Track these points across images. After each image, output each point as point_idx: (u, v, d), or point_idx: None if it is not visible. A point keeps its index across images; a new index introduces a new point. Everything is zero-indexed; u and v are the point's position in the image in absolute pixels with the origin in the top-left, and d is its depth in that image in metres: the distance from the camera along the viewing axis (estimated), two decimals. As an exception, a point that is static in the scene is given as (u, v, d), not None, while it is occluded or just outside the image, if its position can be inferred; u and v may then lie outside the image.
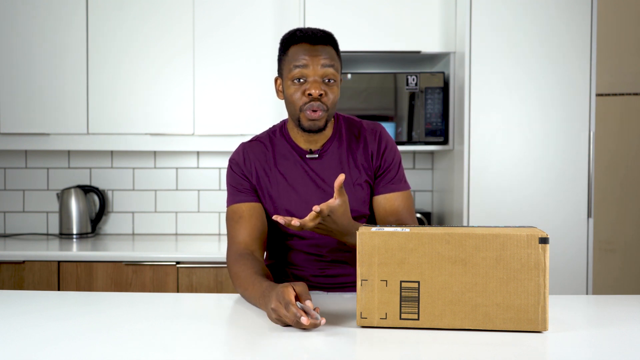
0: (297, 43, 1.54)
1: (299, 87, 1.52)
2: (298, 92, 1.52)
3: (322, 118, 1.53)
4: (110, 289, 2.60)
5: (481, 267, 1.21)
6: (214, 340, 1.22)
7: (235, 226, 1.59)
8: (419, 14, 2.78)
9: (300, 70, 1.51)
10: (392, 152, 1.64)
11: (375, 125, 1.67)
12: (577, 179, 2.55)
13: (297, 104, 1.53)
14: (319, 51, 1.52)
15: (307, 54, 1.52)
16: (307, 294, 1.23)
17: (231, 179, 1.64)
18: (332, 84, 1.53)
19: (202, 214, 3.22)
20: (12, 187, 3.22)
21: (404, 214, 1.62)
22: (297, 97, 1.53)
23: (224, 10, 2.87)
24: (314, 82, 1.51)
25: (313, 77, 1.51)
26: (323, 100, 1.52)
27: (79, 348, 1.14)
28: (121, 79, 2.88)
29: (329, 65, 1.52)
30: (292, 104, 1.55)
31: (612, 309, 1.45)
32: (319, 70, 1.51)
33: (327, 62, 1.52)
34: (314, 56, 1.51)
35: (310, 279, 1.64)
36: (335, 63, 1.54)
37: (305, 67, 1.51)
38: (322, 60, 1.51)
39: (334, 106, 1.55)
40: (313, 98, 1.51)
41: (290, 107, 1.57)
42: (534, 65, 2.55)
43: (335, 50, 1.57)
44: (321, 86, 1.51)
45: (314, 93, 1.50)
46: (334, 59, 1.54)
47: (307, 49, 1.52)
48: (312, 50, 1.52)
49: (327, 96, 1.52)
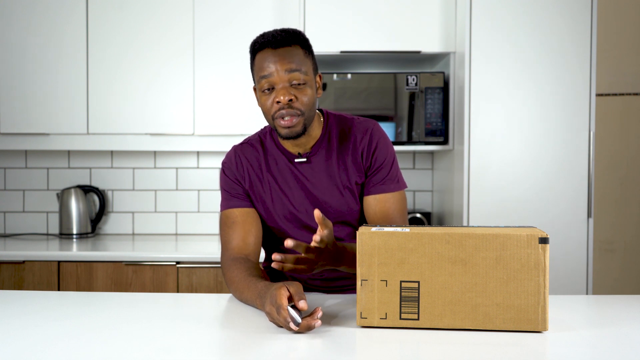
0: (260, 50, 1.49)
1: (269, 96, 1.47)
2: (268, 100, 1.47)
3: (298, 123, 1.47)
4: (110, 289, 2.60)
5: (481, 267, 1.21)
6: (214, 340, 1.22)
7: (229, 232, 1.57)
8: (419, 14, 2.78)
9: (266, 80, 1.46)
10: (383, 150, 1.57)
11: (368, 122, 1.60)
12: (577, 179, 2.55)
13: (269, 114, 1.48)
14: (282, 55, 1.45)
15: (270, 61, 1.45)
16: (302, 294, 1.21)
17: (224, 183, 1.62)
18: (303, 86, 1.46)
19: (202, 214, 3.22)
20: (12, 187, 3.22)
21: (394, 216, 1.57)
22: (268, 107, 1.48)
23: (224, 10, 2.87)
24: (281, 89, 1.45)
25: (280, 83, 1.45)
26: (295, 105, 1.45)
27: (79, 348, 1.14)
28: (121, 79, 2.88)
29: (295, 69, 1.45)
30: (265, 114, 1.50)
31: (612, 309, 1.45)
32: (285, 76, 1.45)
33: (293, 67, 1.45)
34: (278, 62, 1.45)
35: (308, 282, 1.64)
36: (304, 64, 1.47)
37: (271, 75, 1.45)
38: (287, 65, 1.45)
39: (310, 107, 1.48)
40: (282, 106, 1.45)
41: (266, 117, 1.52)
42: (534, 65, 2.55)
43: (304, 47, 1.50)
44: (290, 91, 1.45)
45: (282, 100, 1.44)
46: (300, 60, 1.47)
47: (270, 56, 1.46)
48: (275, 55, 1.45)
49: (298, 100, 1.46)
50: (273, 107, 1.47)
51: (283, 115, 1.46)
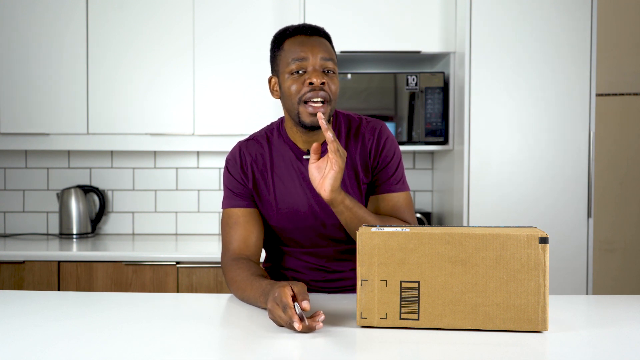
0: (292, 36, 1.49)
1: (298, 78, 1.45)
2: (297, 83, 1.45)
3: (325, 112, 1.44)
4: (110, 289, 2.60)
5: (481, 267, 1.21)
6: (214, 340, 1.22)
7: (230, 231, 1.56)
8: (419, 14, 2.78)
9: (298, 63, 1.44)
10: (391, 150, 1.57)
11: (376, 122, 1.60)
12: (577, 179, 2.55)
13: (295, 97, 1.45)
14: (316, 42, 1.46)
15: (305, 45, 1.45)
16: (305, 294, 1.21)
17: (227, 181, 1.60)
18: (333, 75, 1.47)
19: (202, 214, 3.22)
20: (12, 187, 3.22)
21: (404, 212, 1.56)
22: (295, 89, 1.45)
23: (224, 10, 2.87)
24: (314, 72, 1.44)
25: (313, 67, 1.44)
26: (325, 89, 1.44)
27: (79, 348, 1.14)
28: (121, 79, 2.88)
29: (328, 58, 1.46)
30: (289, 97, 1.46)
31: (612, 309, 1.45)
32: (318, 62, 1.45)
33: (326, 55, 1.46)
34: (312, 47, 1.45)
35: (311, 283, 1.63)
36: (333, 57, 1.49)
37: (304, 59, 1.44)
38: (321, 53, 1.45)
39: (336, 98, 1.48)
40: (314, 87, 1.43)
41: (288, 103, 1.48)
42: (534, 65, 2.55)
43: (331, 45, 1.53)
44: (322, 75, 1.44)
45: (315, 82, 1.42)
46: (331, 52, 1.49)
47: (304, 41, 1.46)
48: (309, 41, 1.46)
49: (329, 86, 1.44)
50: (303, 89, 1.44)
51: (313, 97, 1.43)
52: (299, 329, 1.16)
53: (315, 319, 1.20)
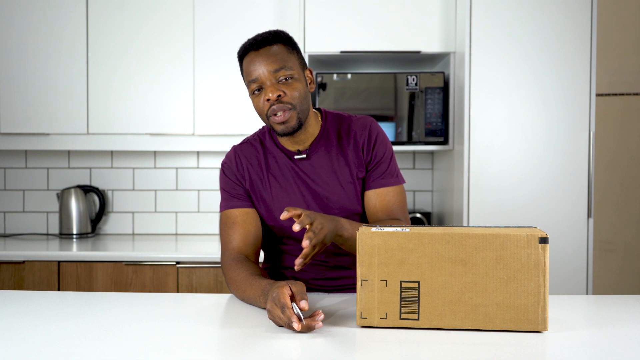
0: (245, 55, 1.53)
1: (259, 95, 1.51)
2: (260, 101, 1.51)
3: (291, 118, 1.50)
4: (110, 289, 2.60)
5: (481, 267, 1.21)
6: (214, 340, 1.22)
7: (229, 232, 1.58)
8: (419, 14, 2.78)
9: (254, 82, 1.51)
10: (383, 145, 1.61)
11: (366, 118, 1.64)
12: (577, 179, 2.55)
13: (263, 114, 1.52)
14: (265, 55, 1.49)
15: (254, 64, 1.50)
16: (304, 293, 1.22)
17: (224, 183, 1.63)
18: (291, 81, 1.50)
19: (202, 214, 3.22)
20: (12, 187, 3.22)
21: (395, 209, 1.59)
22: (261, 107, 1.51)
23: (224, 10, 2.87)
24: (269, 87, 1.49)
25: (267, 81, 1.49)
26: (284, 100, 1.48)
27: (79, 348, 1.14)
28: (121, 79, 2.88)
29: (280, 66, 1.48)
30: (260, 114, 1.54)
31: (612, 309, 1.45)
32: (270, 75, 1.49)
33: (276, 66, 1.48)
34: (261, 63, 1.49)
35: (311, 282, 1.64)
36: (288, 60, 1.50)
37: (257, 77, 1.49)
38: (271, 64, 1.48)
39: (301, 100, 1.51)
40: (272, 102, 1.48)
41: (262, 119, 1.55)
42: (534, 65, 2.55)
43: (287, 44, 1.53)
44: (277, 87, 1.48)
45: (271, 97, 1.48)
46: (284, 57, 1.50)
47: (253, 58, 1.50)
48: (257, 57, 1.50)
49: (287, 95, 1.49)
50: (265, 106, 1.50)
51: (275, 112, 1.49)
52: (297, 329, 1.17)
53: (314, 319, 1.20)
